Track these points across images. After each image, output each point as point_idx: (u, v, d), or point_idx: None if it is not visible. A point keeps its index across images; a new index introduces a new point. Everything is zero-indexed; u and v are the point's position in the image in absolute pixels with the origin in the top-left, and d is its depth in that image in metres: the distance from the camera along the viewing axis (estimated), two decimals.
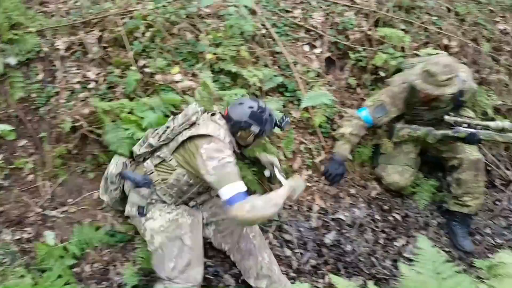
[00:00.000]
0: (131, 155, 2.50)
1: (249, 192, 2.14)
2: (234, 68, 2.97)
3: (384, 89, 3.05)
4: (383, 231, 3.10)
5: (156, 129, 2.40)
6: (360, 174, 3.34)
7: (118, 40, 2.96)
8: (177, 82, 2.86)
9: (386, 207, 3.22)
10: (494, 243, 3.12)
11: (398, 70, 3.15)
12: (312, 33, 3.51)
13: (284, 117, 2.42)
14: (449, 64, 2.64)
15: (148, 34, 2.94)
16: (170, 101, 2.74)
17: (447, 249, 3.05)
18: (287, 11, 3.51)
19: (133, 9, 2.97)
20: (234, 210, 1.98)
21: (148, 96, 2.84)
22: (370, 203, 3.21)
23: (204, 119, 2.29)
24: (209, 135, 2.15)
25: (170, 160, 2.27)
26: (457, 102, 2.91)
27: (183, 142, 2.22)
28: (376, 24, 3.58)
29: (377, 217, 3.15)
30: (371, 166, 3.38)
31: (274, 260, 2.50)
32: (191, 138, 2.19)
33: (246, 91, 2.92)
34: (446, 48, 3.66)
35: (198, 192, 2.38)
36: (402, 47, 3.48)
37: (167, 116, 2.74)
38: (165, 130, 2.31)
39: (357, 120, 2.89)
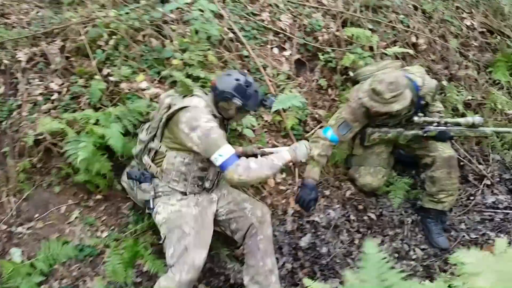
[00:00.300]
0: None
1: None
2: (202, 74, 2.93)
3: (344, 105, 3.03)
4: (358, 231, 3.09)
5: (142, 125, 2.49)
6: (334, 175, 3.33)
7: (81, 49, 2.90)
8: (143, 90, 2.81)
9: (361, 207, 3.21)
10: (469, 238, 3.13)
11: (355, 82, 3.13)
12: (280, 35, 3.49)
13: (270, 96, 2.46)
14: (394, 81, 2.60)
15: (111, 42, 2.88)
16: (137, 110, 2.69)
17: (422, 247, 3.05)
18: (255, 14, 3.49)
19: (95, 17, 2.91)
20: (229, 173, 2.11)
21: (114, 105, 2.78)
22: (345, 203, 3.20)
23: (178, 98, 2.34)
24: (183, 107, 2.21)
25: (160, 148, 2.33)
26: (419, 106, 2.91)
27: (166, 125, 2.28)
28: (344, 24, 3.59)
29: (352, 217, 3.14)
30: (345, 167, 3.37)
31: (276, 269, 2.48)
32: (170, 118, 2.24)
33: None
34: (414, 45, 3.69)
35: (201, 168, 2.36)
36: (371, 47, 3.49)
37: (134, 126, 2.71)
38: (150, 123, 2.40)
39: (324, 141, 2.87)
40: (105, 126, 2.59)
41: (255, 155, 2.58)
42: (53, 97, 2.77)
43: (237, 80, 2.29)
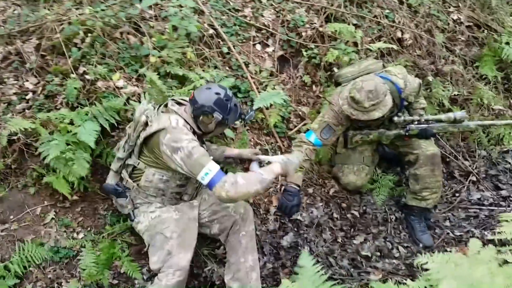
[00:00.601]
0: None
1: None
2: (180, 71, 2.88)
3: (326, 109, 2.99)
4: (341, 229, 3.05)
5: (119, 143, 2.47)
6: (318, 173, 3.29)
7: (56, 48, 2.85)
8: (120, 88, 2.76)
9: (344, 205, 3.18)
10: (453, 235, 3.09)
11: (337, 83, 3.09)
12: (263, 31, 3.45)
13: (249, 110, 2.43)
14: (373, 89, 2.56)
15: (88, 40, 2.83)
16: (113, 108, 2.64)
17: (406, 244, 3.01)
18: (237, 10, 3.44)
19: (71, 14, 2.85)
20: (216, 190, 2.04)
21: (90, 104, 2.73)
22: (328, 201, 3.17)
23: (155, 115, 2.27)
24: (162, 129, 2.15)
25: (138, 165, 2.32)
26: (402, 106, 2.88)
27: (144, 144, 2.25)
28: (328, 20, 3.54)
29: (335, 215, 3.11)
30: (329, 164, 3.34)
31: (257, 267, 2.45)
32: (149, 138, 2.20)
33: None
34: (399, 41, 3.65)
35: (179, 185, 2.37)
36: (355, 42, 3.44)
37: (113, 125, 2.66)
38: (126, 140, 2.34)
39: (307, 145, 2.83)
40: (80, 125, 2.55)
41: (250, 160, 2.62)
42: (28, 97, 2.72)
43: (217, 94, 2.23)
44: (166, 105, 2.33)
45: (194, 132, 2.26)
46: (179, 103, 2.35)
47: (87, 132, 2.47)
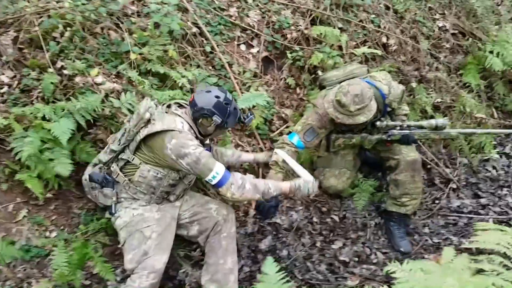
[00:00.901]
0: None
1: None
2: (162, 69, 2.84)
3: (310, 111, 2.97)
4: (320, 234, 3.04)
5: (115, 134, 2.41)
6: None
7: (34, 41, 2.77)
8: (99, 84, 2.70)
9: (324, 209, 3.16)
10: (431, 242, 3.09)
11: (322, 87, 3.08)
12: (248, 32, 3.41)
13: (249, 114, 2.46)
14: (359, 93, 2.55)
15: (67, 34, 2.76)
16: (90, 105, 2.58)
17: (384, 250, 3.00)
18: (222, 9, 3.40)
19: (51, 7, 2.78)
20: (223, 191, 2.17)
21: (67, 100, 2.67)
22: (309, 205, 3.15)
23: (158, 113, 2.25)
24: (167, 130, 2.15)
25: (133, 160, 2.28)
26: (385, 112, 2.87)
27: (143, 140, 2.22)
28: (313, 22, 3.52)
29: (315, 219, 3.09)
30: (311, 167, 3.31)
31: (236, 270, 2.43)
32: (150, 136, 2.19)
33: (176, 93, 2.79)
34: (384, 46, 3.65)
35: (170, 185, 2.35)
36: (340, 46, 3.43)
37: (89, 121, 2.60)
38: (123, 133, 2.30)
39: (289, 147, 2.81)
40: (56, 121, 2.49)
41: (266, 163, 2.75)
42: (2, 90, 2.64)
43: (217, 97, 2.25)
44: (168, 106, 2.34)
45: (196, 137, 2.28)
46: (180, 106, 2.38)
47: (61, 128, 2.40)
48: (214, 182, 2.16)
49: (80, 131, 2.62)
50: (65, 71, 2.68)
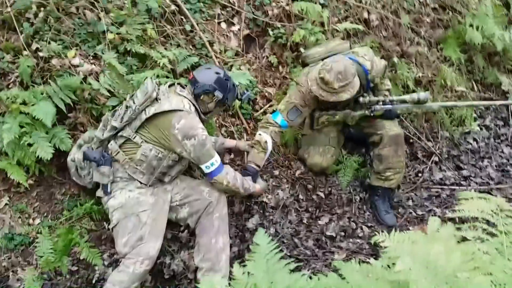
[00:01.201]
0: (89, 141, 2.41)
1: None
2: (142, 49, 2.77)
3: (293, 90, 2.95)
4: (307, 211, 3.06)
5: (115, 111, 2.38)
6: (284, 154, 3.27)
7: (7, 23, 2.67)
8: (76, 66, 2.62)
9: (310, 186, 3.17)
10: (416, 214, 3.15)
11: (304, 64, 3.06)
12: (228, 9, 3.35)
13: (245, 91, 2.56)
14: (343, 70, 2.55)
15: (41, 15, 2.66)
16: (69, 87, 2.51)
17: (369, 224, 3.05)
18: None
19: None
20: (218, 179, 2.32)
21: (44, 83, 2.59)
22: (294, 183, 3.16)
23: (163, 93, 2.28)
24: (175, 110, 2.18)
25: (134, 138, 2.26)
26: (368, 88, 2.88)
27: (148, 119, 2.22)
28: None
29: (301, 197, 3.11)
30: (295, 146, 3.32)
31: (227, 250, 2.44)
32: (156, 115, 2.19)
33: (156, 73, 2.73)
34: (366, 21, 3.63)
35: (169, 166, 2.34)
36: (322, 22, 3.40)
37: (68, 105, 2.53)
38: (126, 111, 2.27)
39: (273, 127, 2.79)
40: (35, 104, 2.42)
41: (246, 152, 2.83)
42: None
43: (217, 73, 2.34)
44: (171, 85, 2.39)
45: (199, 118, 2.32)
46: (182, 87, 2.42)
47: (43, 110, 2.34)
48: (210, 169, 2.27)
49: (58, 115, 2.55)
50: (40, 54, 2.59)
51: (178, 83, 2.40)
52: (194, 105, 2.31)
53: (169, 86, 2.36)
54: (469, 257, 1.04)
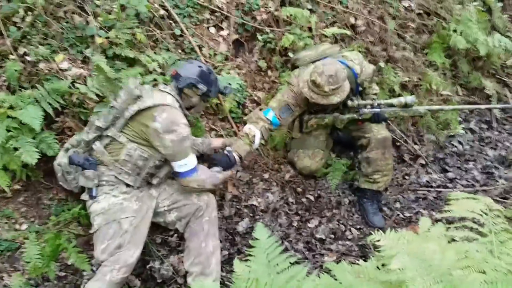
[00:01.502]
0: (77, 145, 2.36)
1: None
2: (131, 53, 2.76)
3: (285, 88, 2.97)
4: (296, 214, 3.07)
5: (98, 112, 2.41)
6: (273, 158, 3.28)
7: None
8: (64, 70, 2.60)
9: (299, 190, 3.19)
10: (403, 216, 3.19)
11: (294, 66, 3.09)
12: (217, 14, 3.35)
13: (228, 85, 2.57)
14: (334, 74, 2.58)
15: (28, 19, 2.63)
16: (57, 91, 2.49)
17: (358, 226, 3.07)
18: None
19: None
20: (186, 182, 2.31)
21: (32, 87, 2.56)
22: (284, 186, 3.17)
23: (147, 91, 2.27)
24: (158, 105, 2.18)
25: (119, 138, 2.25)
26: (357, 92, 2.92)
27: (132, 117, 2.21)
28: (283, 3, 3.50)
29: (290, 200, 3.12)
30: (285, 149, 3.33)
31: (218, 253, 2.43)
32: (139, 112, 2.19)
33: (141, 73, 2.72)
34: (353, 27, 3.67)
35: (155, 166, 2.33)
36: (310, 27, 3.43)
37: (56, 109, 2.51)
38: (110, 111, 2.28)
39: (263, 123, 2.80)
40: (23, 108, 2.39)
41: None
42: None
43: (199, 67, 2.37)
44: (154, 85, 2.43)
45: (184, 114, 2.31)
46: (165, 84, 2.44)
47: (31, 114, 2.32)
48: (183, 169, 2.25)
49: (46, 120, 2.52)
50: (28, 58, 2.57)
51: (163, 83, 2.41)
52: (178, 101, 2.31)
53: (153, 86, 2.38)
54: (462, 256, 1.06)
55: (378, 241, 1.18)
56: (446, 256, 1.03)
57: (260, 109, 3.06)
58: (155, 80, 2.75)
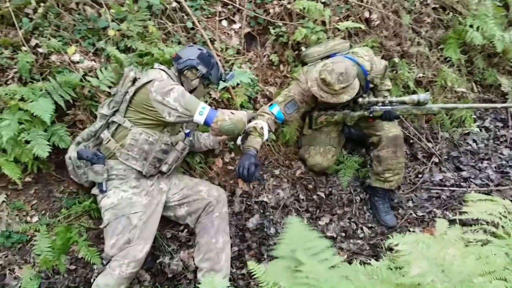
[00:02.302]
0: (88, 138, 2.39)
1: None
2: (142, 46, 2.73)
3: (293, 84, 2.93)
4: (307, 211, 3.04)
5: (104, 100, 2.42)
6: (284, 154, 3.25)
7: (6, 18, 2.62)
8: (76, 62, 2.59)
9: (310, 186, 3.16)
10: (416, 216, 3.14)
11: (303, 63, 3.04)
12: (229, 7, 3.31)
13: (229, 72, 2.55)
14: (344, 72, 2.53)
15: (40, 10, 2.61)
16: (69, 84, 2.48)
17: (370, 225, 3.04)
18: None
19: None
20: (218, 120, 2.19)
21: (44, 79, 2.55)
22: (295, 183, 3.14)
23: (143, 72, 2.35)
24: (151, 80, 2.19)
25: (124, 123, 2.27)
26: (367, 89, 2.86)
27: (132, 99, 2.24)
28: None
29: (301, 197, 3.09)
30: (296, 146, 3.30)
31: (228, 249, 2.42)
32: (137, 91, 2.22)
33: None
34: (367, 21, 3.61)
35: (162, 151, 2.33)
36: (323, 21, 3.38)
37: (68, 102, 2.50)
38: (113, 98, 2.32)
39: (269, 116, 2.77)
40: (34, 100, 2.38)
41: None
42: None
43: (200, 49, 2.38)
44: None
45: None
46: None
47: (42, 107, 2.30)
48: (204, 114, 2.16)
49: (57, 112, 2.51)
50: (40, 50, 2.56)
51: (160, 63, 2.47)
52: (173, 79, 2.33)
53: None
54: (483, 262, 1.03)
55: (396, 245, 1.14)
56: (466, 262, 1.00)
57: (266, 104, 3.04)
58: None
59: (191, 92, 2.39)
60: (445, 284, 0.92)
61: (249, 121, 2.65)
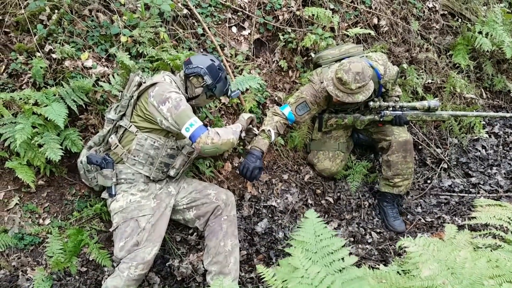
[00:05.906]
0: (99, 143, 2.46)
1: None
2: (153, 52, 2.78)
3: (306, 85, 2.95)
4: None
5: (110, 105, 2.47)
6: (293, 159, 3.27)
7: (21, 24, 2.67)
8: (89, 68, 2.64)
9: (319, 191, 3.17)
10: (424, 221, 3.14)
11: (317, 65, 3.06)
12: (239, 13, 3.35)
13: (237, 90, 2.54)
14: (360, 71, 2.54)
15: (54, 17, 2.67)
16: (81, 89, 2.52)
17: (378, 230, 3.04)
18: None
19: None
20: (201, 142, 2.14)
21: (57, 84, 2.60)
22: (303, 188, 3.15)
23: (149, 77, 2.40)
24: (153, 83, 2.23)
25: (130, 127, 2.31)
26: (380, 93, 2.88)
27: (136, 102, 2.29)
28: (305, 3, 3.48)
29: (310, 201, 3.10)
30: (304, 151, 3.31)
31: (236, 252, 2.44)
32: (141, 95, 2.27)
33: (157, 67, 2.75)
34: (375, 27, 3.63)
35: (168, 155, 2.36)
36: (332, 28, 3.40)
37: (80, 106, 2.54)
38: (118, 104, 2.37)
39: (279, 117, 2.79)
40: (48, 105, 2.43)
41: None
42: None
43: (212, 60, 2.37)
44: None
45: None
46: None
47: (55, 111, 2.35)
48: (190, 132, 2.13)
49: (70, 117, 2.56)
50: (53, 55, 2.61)
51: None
52: (176, 83, 2.35)
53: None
54: (493, 264, 1.03)
55: (407, 247, 1.16)
56: (477, 265, 1.01)
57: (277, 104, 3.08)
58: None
59: (192, 98, 2.41)
60: (456, 287, 0.93)
61: (250, 123, 2.65)
